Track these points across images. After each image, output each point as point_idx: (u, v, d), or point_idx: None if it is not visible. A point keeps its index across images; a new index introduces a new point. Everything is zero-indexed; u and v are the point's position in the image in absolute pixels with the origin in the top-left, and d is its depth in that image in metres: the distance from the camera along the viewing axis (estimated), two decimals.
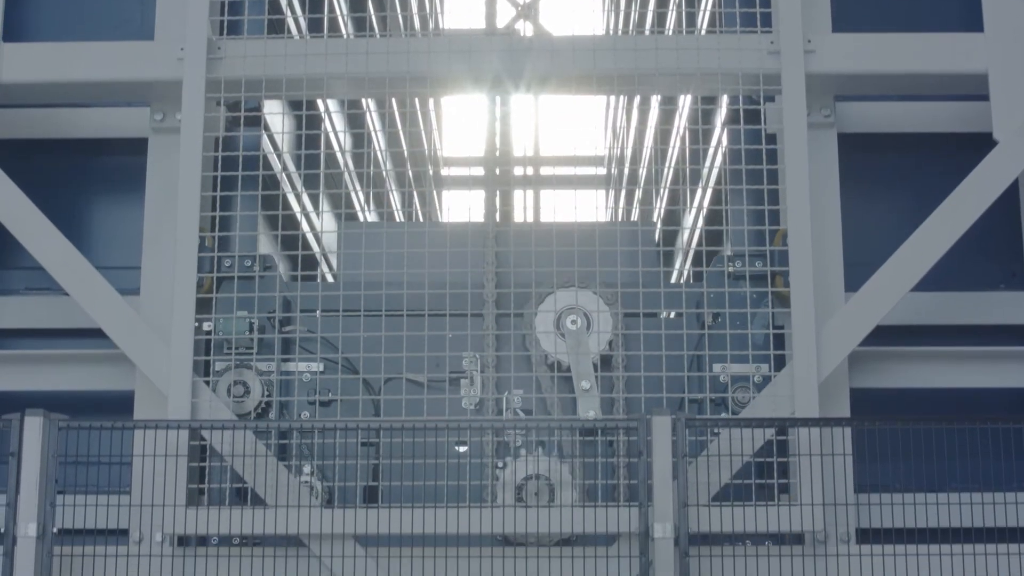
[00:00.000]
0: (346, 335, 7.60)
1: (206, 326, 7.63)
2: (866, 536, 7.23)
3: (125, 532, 7.27)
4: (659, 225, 10.84)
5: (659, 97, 11.37)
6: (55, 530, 6.99)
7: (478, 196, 8.90)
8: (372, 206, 12.93)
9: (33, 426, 6.99)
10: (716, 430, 7.26)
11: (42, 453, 6.96)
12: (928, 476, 7.19)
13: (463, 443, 7.47)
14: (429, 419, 7.36)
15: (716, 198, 8.60)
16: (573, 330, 7.64)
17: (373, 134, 11.93)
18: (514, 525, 7.11)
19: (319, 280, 9.17)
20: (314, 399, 7.71)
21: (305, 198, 9.31)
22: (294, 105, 8.63)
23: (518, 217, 18.28)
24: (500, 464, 7.51)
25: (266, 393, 7.59)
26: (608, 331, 7.65)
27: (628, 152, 16.36)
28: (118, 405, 7.64)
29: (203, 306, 7.64)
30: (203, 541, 7.36)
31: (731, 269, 7.66)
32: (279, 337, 7.70)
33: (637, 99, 14.49)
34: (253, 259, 7.74)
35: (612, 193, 18.57)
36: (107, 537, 7.15)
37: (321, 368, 7.70)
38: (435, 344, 7.53)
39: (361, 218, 11.02)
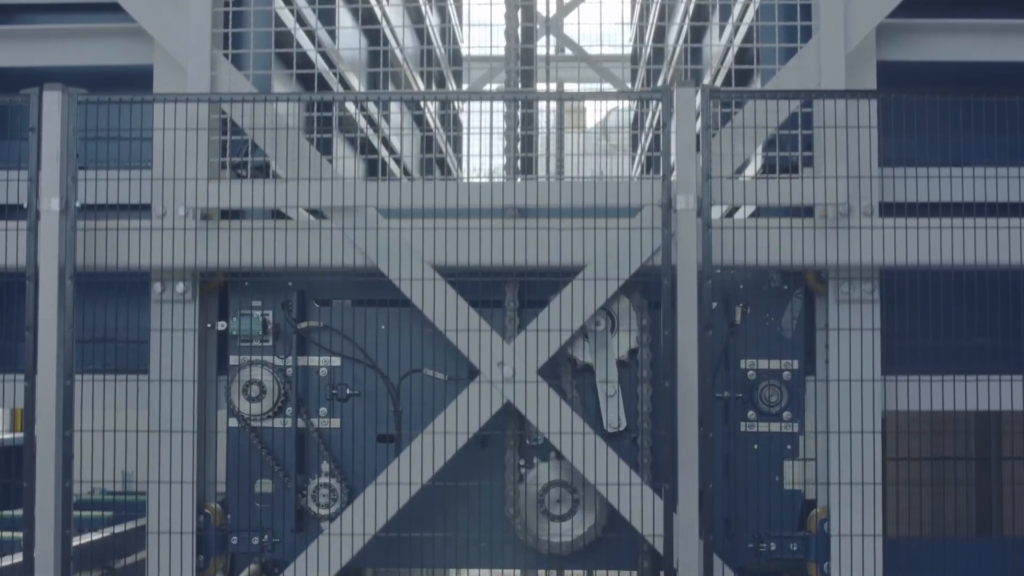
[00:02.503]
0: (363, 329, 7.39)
1: (220, 324, 7.42)
2: (889, 210, 7.23)
3: (148, 207, 7.30)
4: None
5: None
6: (78, 205, 7.02)
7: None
8: None
9: (52, 100, 6.98)
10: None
11: (62, 128, 6.97)
12: (954, 150, 7.16)
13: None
14: (458, 92, 7.28)
15: None
16: (597, 331, 7.43)
17: None
18: (525, 197, 7.10)
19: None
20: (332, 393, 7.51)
21: None
22: None
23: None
24: None
25: (282, 394, 7.41)
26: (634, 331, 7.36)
27: None
28: (136, 80, 7.52)
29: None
30: (226, 215, 7.37)
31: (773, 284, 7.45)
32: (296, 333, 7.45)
33: None
34: None
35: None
36: (130, 212, 7.20)
37: (338, 363, 7.49)
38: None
39: None
